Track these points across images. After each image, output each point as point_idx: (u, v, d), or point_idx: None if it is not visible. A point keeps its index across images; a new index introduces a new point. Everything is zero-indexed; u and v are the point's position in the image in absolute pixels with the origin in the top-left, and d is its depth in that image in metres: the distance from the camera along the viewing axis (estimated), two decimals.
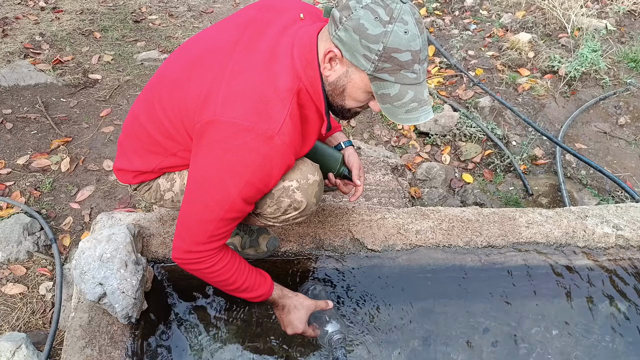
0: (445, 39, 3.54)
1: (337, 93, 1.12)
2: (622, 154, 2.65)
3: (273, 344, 1.45)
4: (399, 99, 1.05)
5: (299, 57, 1.10)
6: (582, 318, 1.54)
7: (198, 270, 1.23)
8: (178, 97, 1.16)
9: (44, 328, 1.71)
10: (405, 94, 1.04)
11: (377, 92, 1.06)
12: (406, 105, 1.06)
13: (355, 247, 1.59)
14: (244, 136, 1.06)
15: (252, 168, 1.08)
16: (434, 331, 1.50)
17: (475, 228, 1.63)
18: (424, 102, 1.07)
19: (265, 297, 1.32)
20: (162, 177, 1.37)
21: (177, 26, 3.69)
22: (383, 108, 1.09)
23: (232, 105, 1.07)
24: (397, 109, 1.07)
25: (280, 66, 1.10)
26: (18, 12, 3.69)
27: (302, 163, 1.26)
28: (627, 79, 3.09)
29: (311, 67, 1.10)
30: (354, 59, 1.03)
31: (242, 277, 1.27)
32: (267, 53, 1.11)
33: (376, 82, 1.05)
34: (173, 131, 1.20)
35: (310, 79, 1.11)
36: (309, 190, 1.25)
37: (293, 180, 1.22)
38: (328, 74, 1.10)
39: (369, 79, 1.05)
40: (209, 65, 1.14)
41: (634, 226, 1.67)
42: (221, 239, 1.20)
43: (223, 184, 1.10)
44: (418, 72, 1.03)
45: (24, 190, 2.21)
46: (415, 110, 1.07)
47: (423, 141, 2.68)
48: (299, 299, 1.36)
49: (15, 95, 2.79)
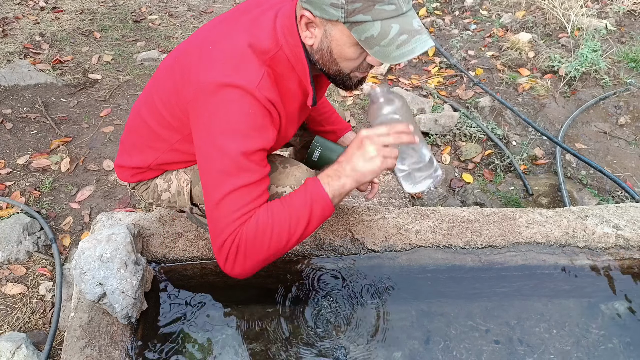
0: (445, 39, 3.54)
1: (326, 59, 1.07)
2: (622, 154, 2.65)
3: (273, 344, 1.45)
4: (384, 37, 0.96)
5: (281, 25, 1.08)
6: (582, 318, 1.54)
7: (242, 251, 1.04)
8: (169, 80, 1.17)
9: (44, 328, 1.70)
10: (390, 29, 0.95)
11: (361, 40, 0.98)
12: (395, 40, 0.96)
13: (355, 247, 1.59)
14: (223, 92, 1.02)
15: (242, 119, 1.03)
16: (434, 331, 1.50)
17: (475, 228, 1.63)
18: (416, 32, 0.97)
19: (320, 193, 1.06)
20: (160, 178, 1.38)
21: (177, 26, 3.69)
22: (373, 53, 0.99)
23: (212, 67, 1.05)
24: (387, 47, 0.97)
25: (259, 29, 1.08)
26: (18, 12, 3.69)
27: (297, 169, 1.25)
28: (627, 79, 3.09)
29: (292, 35, 1.07)
30: (324, 13, 0.98)
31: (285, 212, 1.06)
32: (248, 21, 1.11)
33: (355, 29, 0.97)
34: (170, 119, 1.20)
35: (291, 47, 1.08)
36: None
37: (287, 186, 1.21)
38: (311, 42, 1.06)
39: (347, 28, 0.98)
40: (196, 45, 1.15)
41: (634, 226, 1.67)
42: (249, 211, 1.04)
43: (222, 147, 1.03)
44: (396, 2, 0.94)
45: (23, 190, 2.21)
46: (406, 42, 0.97)
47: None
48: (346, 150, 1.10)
49: (15, 95, 2.79)
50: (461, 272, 1.59)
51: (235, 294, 1.54)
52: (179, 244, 1.53)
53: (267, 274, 1.56)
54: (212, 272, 1.54)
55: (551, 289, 1.60)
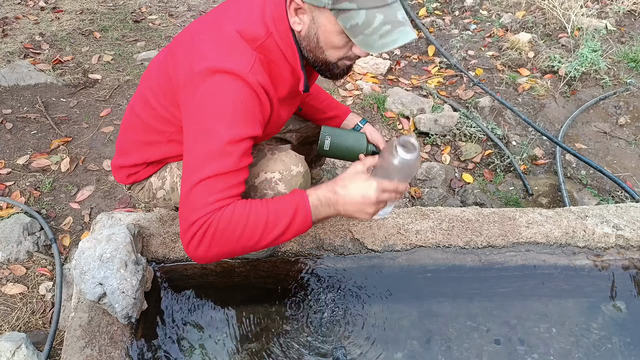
0: (445, 39, 3.54)
1: (313, 46, 1.08)
2: (622, 154, 2.65)
3: (273, 344, 1.45)
4: (368, 25, 0.98)
5: (270, 12, 1.09)
6: (582, 318, 1.54)
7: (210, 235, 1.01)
8: (162, 75, 1.19)
9: (44, 328, 1.70)
10: (374, 19, 0.98)
11: (346, 27, 1.00)
12: (379, 30, 0.99)
13: (355, 247, 1.59)
14: (215, 77, 1.03)
15: (231, 105, 1.03)
16: (434, 331, 1.50)
17: (475, 228, 1.63)
18: (399, 24, 1.00)
19: (305, 208, 1.05)
20: (154, 176, 1.39)
21: (177, 26, 3.69)
22: (357, 42, 1.01)
23: (202, 53, 1.06)
24: (370, 36, 0.99)
25: (248, 17, 1.09)
26: (18, 12, 3.69)
27: (285, 155, 1.25)
28: (627, 79, 3.09)
29: (282, 21, 1.08)
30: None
31: (263, 211, 1.04)
32: (236, 9, 1.12)
33: (341, 16, 0.99)
34: (163, 111, 1.21)
35: (281, 33, 1.09)
36: (292, 182, 1.23)
37: (275, 172, 1.21)
38: (299, 29, 1.07)
39: (333, 15, 1.00)
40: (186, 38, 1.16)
41: (634, 226, 1.67)
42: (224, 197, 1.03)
43: (208, 130, 1.03)
44: None
45: (24, 190, 2.21)
46: (389, 33, 0.99)
47: (423, 141, 2.68)
48: (343, 174, 1.10)
49: (15, 95, 2.79)
50: (461, 272, 1.59)
51: (235, 294, 1.54)
52: (179, 244, 1.53)
53: (267, 274, 1.56)
54: (212, 273, 1.54)
55: (551, 289, 1.60)
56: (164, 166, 1.38)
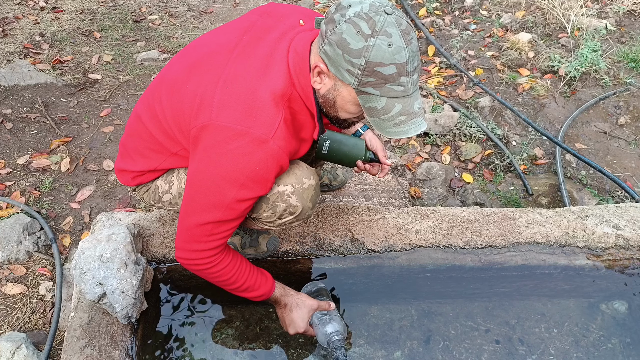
0: (445, 39, 3.54)
1: (329, 105, 1.13)
2: (622, 154, 2.65)
3: (273, 344, 1.45)
4: (386, 112, 1.04)
5: (294, 64, 1.11)
6: (582, 318, 1.54)
7: (200, 271, 1.25)
8: (176, 99, 1.18)
9: (44, 328, 1.71)
10: (393, 107, 1.03)
11: (364, 105, 1.06)
12: (394, 119, 1.05)
13: (355, 247, 1.59)
14: (238, 140, 1.06)
15: (247, 172, 1.09)
16: (434, 331, 1.50)
17: (475, 228, 1.63)
18: (414, 115, 1.06)
19: (266, 297, 1.33)
20: (160, 179, 1.38)
21: (177, 26, 3.69)
22: (371, 121, 1.08)
23: (227, 110, 1.07)
24: (385, 122, 1.06)
25: (275, 72, 1.11)
26: (18, 12, 3.69)
27: (297, 167, 1.26)
28: (627, 79, 3.09)
29: (304, 75, 1.11)
30: (339, 73, 1.03)
31: (243, 277, 1.28)
32: (263, 58, 1.12)
33: (362, 96, 1.04)
34: (171, 132, 1.22)
35: (302, 87, 1.12)
36: (304, 195, 1.25)
37: (288, 184, 1.22)
38: (318, 87, 1.10)
39: (355, 92, 1.05)
40: (206, 69, 1.15)
41: (634, 226, 1.67)
42: (221, 239, 1.20)
43: (219, 188, 1.11)
44: (406, 84, 1.01)
45: (24, 190, 2.21)
46: (403, 123, 1.05)
47: (423, 141, 2.68)
48: (300, 298, 1.36)
49: (15, 95, 2.79)
50: (461, 272, 1.59)
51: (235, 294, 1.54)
52: None
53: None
54: None
55: (551, 289, 1.60)
56: (171, 170, 1.38)
